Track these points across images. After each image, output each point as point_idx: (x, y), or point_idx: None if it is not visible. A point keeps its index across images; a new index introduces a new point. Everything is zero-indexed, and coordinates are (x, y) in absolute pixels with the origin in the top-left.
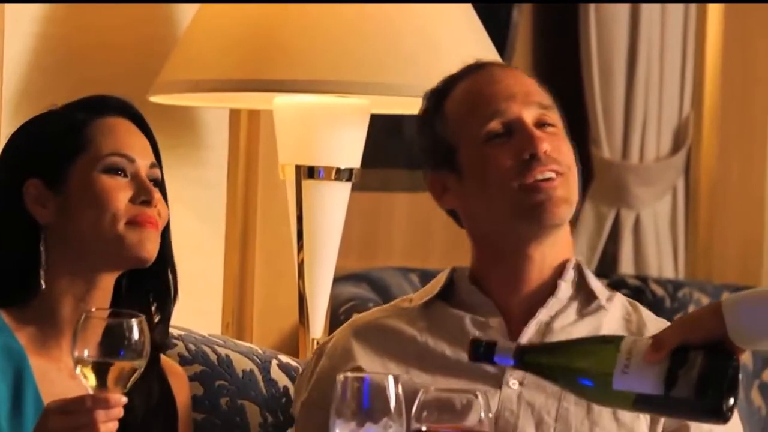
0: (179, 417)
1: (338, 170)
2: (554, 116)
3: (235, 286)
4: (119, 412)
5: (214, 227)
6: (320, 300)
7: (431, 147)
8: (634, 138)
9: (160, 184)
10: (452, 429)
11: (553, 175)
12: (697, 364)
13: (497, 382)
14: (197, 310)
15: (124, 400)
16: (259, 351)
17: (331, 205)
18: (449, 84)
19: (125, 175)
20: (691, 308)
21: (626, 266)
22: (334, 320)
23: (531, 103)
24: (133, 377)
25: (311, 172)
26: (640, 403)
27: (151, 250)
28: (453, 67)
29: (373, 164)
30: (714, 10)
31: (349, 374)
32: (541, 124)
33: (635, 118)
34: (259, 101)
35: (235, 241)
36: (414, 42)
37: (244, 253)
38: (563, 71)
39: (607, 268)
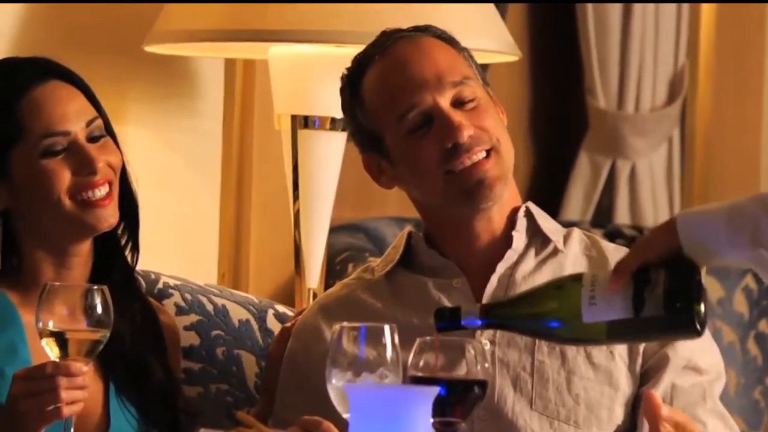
0: (166, 336)
1: (333, 120)
2: (472, 87)
3: (230, 237)
4: (83, 381)
5: (210, 178)
6: (316, 250)
7: (357, 133)
8: (630, 88)
9: (106, 131)
10: (448, 377)
11: (483, 155)
12: (660, 281)
13: None
14: (193, 260)
15: (85, 369)
16: (255, 301)
17: (327, 155)
18: (360, 68)
19: (64, 148)
20: None
21: (622, 216)
22: (330, 270)
23: (444, 85)
24: (99, 347)
25: (307, 122)
26: (614, 333)
27: (111, 221)
28: (450, 19)
29: None
30: None
31: (345, 324)
32: (459, 102)
33: (631, 67)
34: (255, 51)
35: (230, 192)
36: None
37: (240, 204)
38: (559, 20)
39: (603, 218)
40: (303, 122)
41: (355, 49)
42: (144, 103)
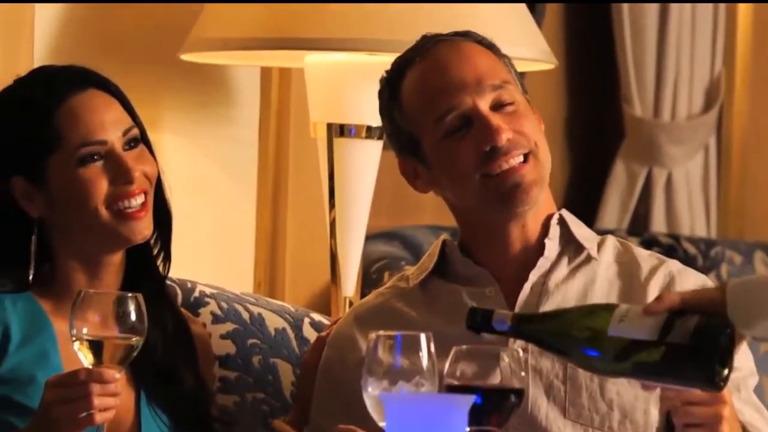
0: (197, 347)
1: (369, 128)
2: (511, 91)
3: (266, 245)
4: (115, 388)
5: (246, 186)
6: (352, 258)
7: (394, 135)
8: (666, 96)
9: (142, 141)
10: (484, 385)
11: (520, 159)
12: (694, 319)
13: None
14: (229, 269)
15: (118, 376)
16: (291, 309)
17: (363, 163)
18: (400, 70)
19: (100, 157)
20: (723, 267)
21: (658, 224)
22: (366, 278)
23: (484, 89)
24: (132, 354)
25: (342, 130)
26: (639, 370)
27: (145, 233)
28: (486, 27)
29: None
30: None
31: (381, 332)
32: (498, 105)
33: (667, 75)
34: (291, 59)
35: (266, 200)
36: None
37: (276, 212)
38: (594, 28)
39: (639, 226)
40: (339, 130)
41: (391, 57)
42: (180, 112)
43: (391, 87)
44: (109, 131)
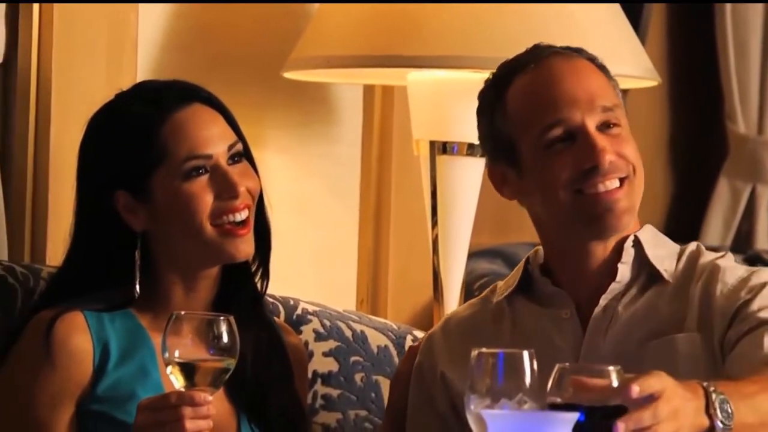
0: (293, 358)
1: (472, 146)
2: (619, 115)
3: (369, 262)
4: (207, 410)
5: (348, 203)
6: (454, 275)
7: (490, 138)
8: None
9: (245, 156)
10: (588, 402)
11: (616, 183)
12: None
13: None
14: (332, 286)
15: (210, 398)
16: (394, 327)
17: (465, 181)
18: (510, 74)
19: (206, 171)
20: None
21: (762, 242)
22: (469, 296)
23: (595, 108)
24: (225, 376)
25: (445, 148)
26: None
27: (247, 252)
28: (591, 46)
29: None
30: None
31: (483, 350)
32: (604, 126)
33: None
34: (393, 77)
35: (369, 217)
36: (549, 18)
37: (378, 229)
38: (698, 45)
39: (742, 243)
40: (442, 148)
41: None
42: (283, 130)
43: (496, 89)
44: (215, 145)
